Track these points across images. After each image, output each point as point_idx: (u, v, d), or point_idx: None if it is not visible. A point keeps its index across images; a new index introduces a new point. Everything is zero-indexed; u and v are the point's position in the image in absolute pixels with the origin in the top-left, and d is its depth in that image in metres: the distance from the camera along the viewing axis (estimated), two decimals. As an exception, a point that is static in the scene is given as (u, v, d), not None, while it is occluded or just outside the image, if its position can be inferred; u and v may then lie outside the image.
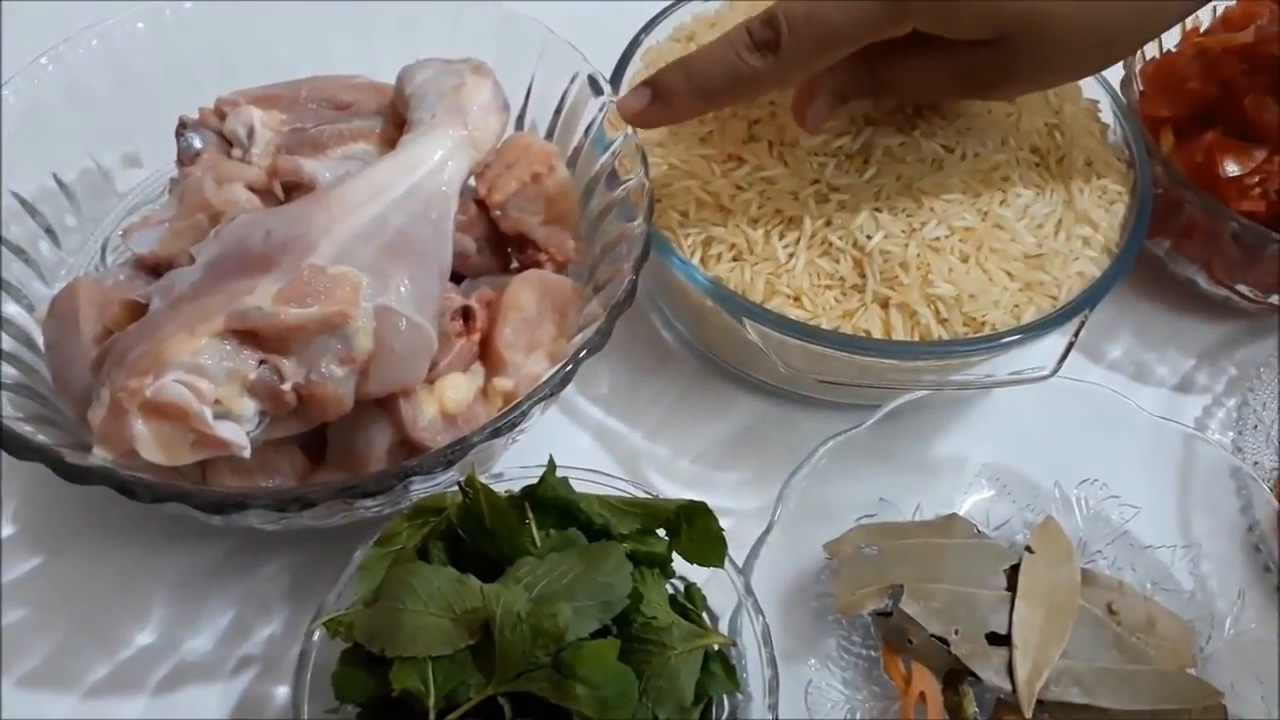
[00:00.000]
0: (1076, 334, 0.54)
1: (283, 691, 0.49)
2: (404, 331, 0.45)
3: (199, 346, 0.42)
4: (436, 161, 0.49)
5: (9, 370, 0.47)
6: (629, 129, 0.53)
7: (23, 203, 0.54)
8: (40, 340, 0.51)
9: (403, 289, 0.45)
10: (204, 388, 0.42)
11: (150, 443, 0.42)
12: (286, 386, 0.43)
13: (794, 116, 0.55)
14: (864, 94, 0.55)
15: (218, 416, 0.42)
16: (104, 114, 0.57)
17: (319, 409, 0.44)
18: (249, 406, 0.43)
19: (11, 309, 0.51)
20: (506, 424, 0.44)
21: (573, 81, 0.56)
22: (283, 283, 0.43)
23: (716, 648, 0.43)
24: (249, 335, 0.43)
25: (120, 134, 0.58)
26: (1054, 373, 0.53)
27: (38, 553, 0.53)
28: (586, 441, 0.59)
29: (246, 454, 0.43)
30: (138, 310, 0.47)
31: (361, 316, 0.44)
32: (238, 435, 0.42)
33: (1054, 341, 0.54)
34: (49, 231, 0.55)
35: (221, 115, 0.57)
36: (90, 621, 0.51)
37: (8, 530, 0.54)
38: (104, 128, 0.57)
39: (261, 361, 0.43)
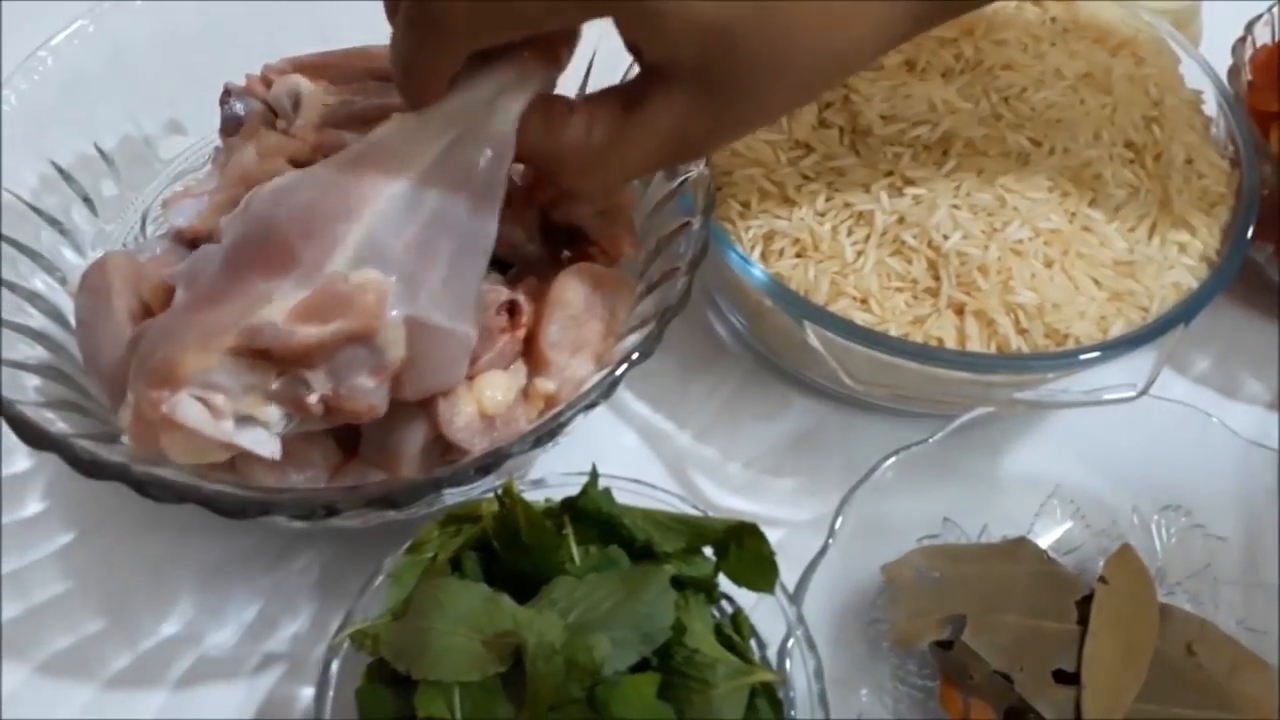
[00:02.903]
0: (1169, 352, 0.49)
1: (305, 694, 0.48)
2: (438, 339, 0.41)
3: (212, 364, 0.38)
4: (481, 102, 0.41)
5: (36, 350, 0.46)
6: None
7: (59, 170, 0.52)
8: (72, 316, 0.49)
9: (436, 291, 0.41)
10: (219, 403, 0.39)
11: (176, 449, 0.39)
12: (313, 399, 0.40)
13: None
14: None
15: (243, 422, 0.40)
16: (147, 79, 0.55)
17: (351, 415, 0.41)
18: (273, 413, 0.40)
19: (42, 282, 0.49)
20: (546, 433, 0.41)
21: (633, 64, 0.52)
22: (302, 289, 0.40)
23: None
24: (266, 351, 0.39)
25: (164, 99, 0.56)
26: (1142, 393, 0.48)
27: (69, 531, 0.52)
28: (631, 440, 0.56)
29: (276, 457, 0.41)
30: (172, 293, 0.45)
31: (390, 328, 0.40)
32: (261, 444, 0.40)
33: (1142, 357, 0.50)
34: (85, 199, 0.53)
35: (268, 83, 0.54)
36: (117, 607, 0.50)
37: (38, 507, 0.52)
38: (147, 93, 0.55)
39: (282, 373, 0.40)
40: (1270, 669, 0.48)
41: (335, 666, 0.40)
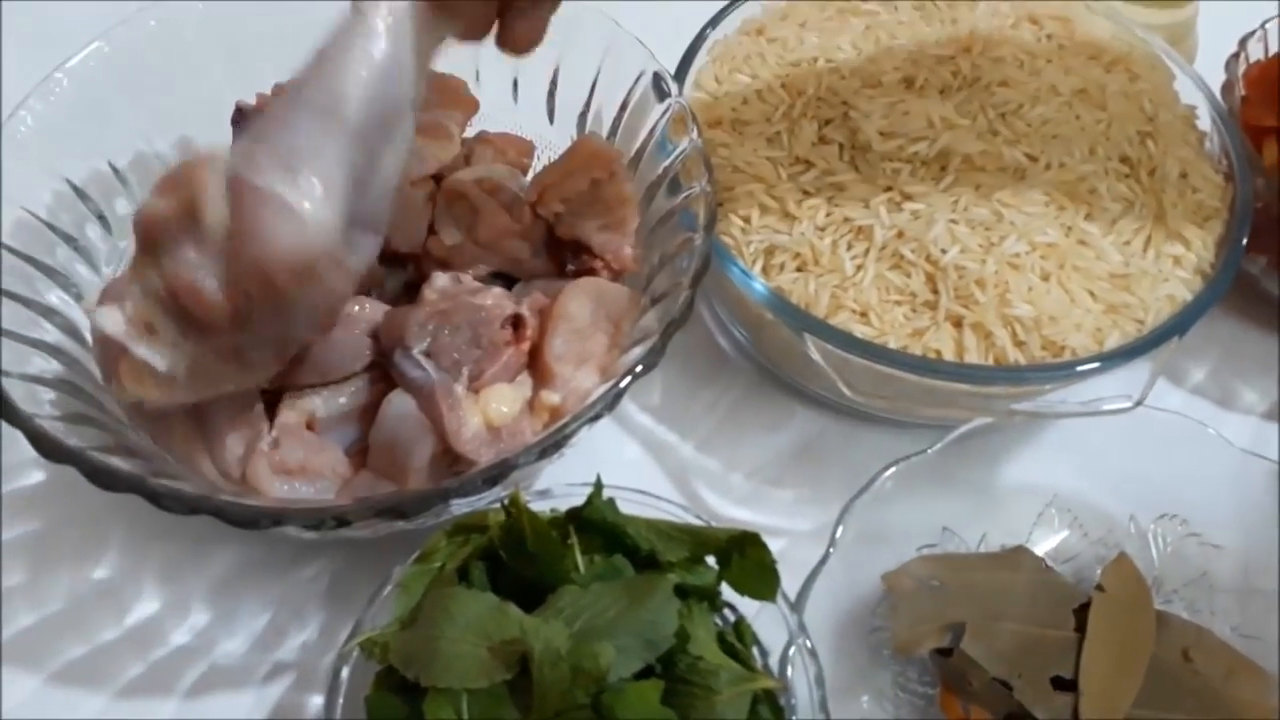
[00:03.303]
0: (1164, 363, 0.50)
1: (315, 701, 0.48)
2: (256, 200, 0.38)
3: (129, 275, 0.40)
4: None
5: (52, 365, 0.47)
6: (694, 134, 0.50)
7: (74, 188, 0.53)
8: (87, 331, 0.50)
9: (262, 154, 0.38)
10: (129, 310, 0.40)
11: (125, 375, 0.41)
12: (154, 281, 0.40)
13: None
14: None
15: (150, 336, 0.41)
16: (160, 98, 0.56)
17: (186, 296, 0.39)
18: (165, 322, 0.41)
19: (58, 298, 0.50)
20: (551, 445, 0.42)
21: (638, 80, 0.53)
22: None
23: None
24: (148, 245, 0.40)
25: (176, 118, 0.57)
26: (1138, 404, 0.49)
27: (84, 544, 0.53)
28: (635, 452, 0.57)
29: (162, 370, 0.41)
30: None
31: (210, 192, 0.38)
32: (153, 357, 0.41)
33: (1138, 368, 0.51)
34: (100, 217, 0.54)
35: (278, 101, 0.55)
36: (129, 617, 0.51)
37: (51, 518, 0.53)
38: (160, 111, 0.56)
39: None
40: (1266, 675, 0.49)
41: (345, 674, 0.41)
